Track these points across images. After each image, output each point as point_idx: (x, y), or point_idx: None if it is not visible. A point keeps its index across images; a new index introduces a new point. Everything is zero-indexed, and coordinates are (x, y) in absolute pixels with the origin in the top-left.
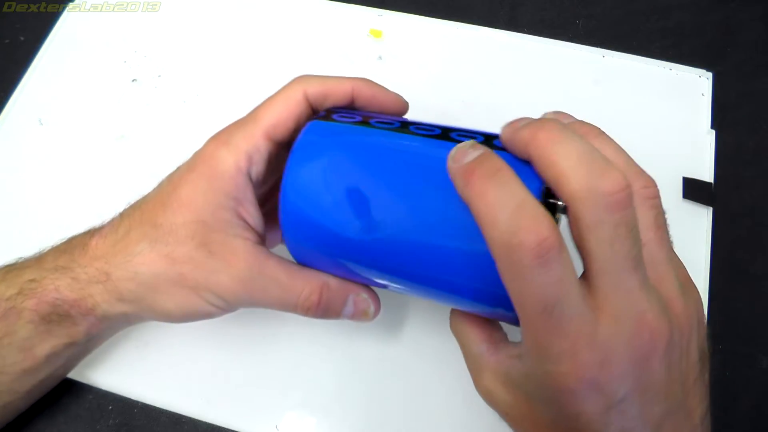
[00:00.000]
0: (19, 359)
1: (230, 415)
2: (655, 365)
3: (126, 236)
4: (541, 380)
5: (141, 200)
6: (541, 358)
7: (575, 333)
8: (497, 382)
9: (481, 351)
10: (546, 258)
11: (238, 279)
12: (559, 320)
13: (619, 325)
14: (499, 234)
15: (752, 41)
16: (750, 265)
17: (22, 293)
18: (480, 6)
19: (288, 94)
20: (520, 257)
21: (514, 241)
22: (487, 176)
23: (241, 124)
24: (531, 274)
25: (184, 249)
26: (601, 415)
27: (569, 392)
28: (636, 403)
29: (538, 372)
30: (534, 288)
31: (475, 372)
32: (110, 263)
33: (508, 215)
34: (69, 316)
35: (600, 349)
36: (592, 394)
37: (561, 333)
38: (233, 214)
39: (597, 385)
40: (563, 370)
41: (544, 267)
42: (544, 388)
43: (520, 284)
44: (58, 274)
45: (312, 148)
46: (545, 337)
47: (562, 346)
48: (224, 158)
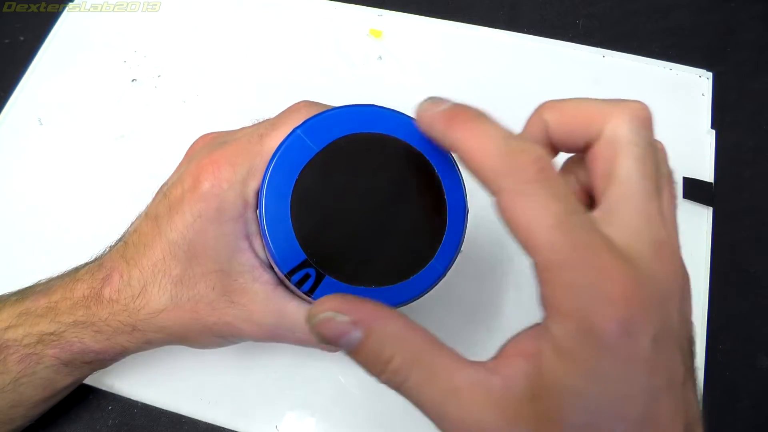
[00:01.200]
0: (38, 392)
1: (230, 415)
2: (673, 309)
3: (144, 292)
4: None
5: (137, 235)
6: (575, 295)
7: (600, 246)
8: (498, 409)
9: (461, 377)
10: (546, 171)
11: (259, 326)
12: (578, 230)
13: (640, 246)
14: (493, 163)
15: (752, 41)
16: (750, 265)
17: (42, 342)
18: (480, 6)
19: (295, 121)
20: (521, 175)
21: (511, 163)
22: (472, 117)
23: (243, 149)
24: (534, 187)
25: (206, 301)
26: (641, 358)
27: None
28: (665, 345)
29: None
30: (541, 202)
31: (453, 409)
32: (133, 317)
33: (498, 144)
34: (97, 360)
35: (630, 269)
36: (631, 328)
37: (582, 245)
38: (249, 254)
39: (632, 315)
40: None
41: (547, 180)
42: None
43: (526, 203)
44: (79, 329)
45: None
46: (565, 257)
47: (587, 262)
48: (231, 199)
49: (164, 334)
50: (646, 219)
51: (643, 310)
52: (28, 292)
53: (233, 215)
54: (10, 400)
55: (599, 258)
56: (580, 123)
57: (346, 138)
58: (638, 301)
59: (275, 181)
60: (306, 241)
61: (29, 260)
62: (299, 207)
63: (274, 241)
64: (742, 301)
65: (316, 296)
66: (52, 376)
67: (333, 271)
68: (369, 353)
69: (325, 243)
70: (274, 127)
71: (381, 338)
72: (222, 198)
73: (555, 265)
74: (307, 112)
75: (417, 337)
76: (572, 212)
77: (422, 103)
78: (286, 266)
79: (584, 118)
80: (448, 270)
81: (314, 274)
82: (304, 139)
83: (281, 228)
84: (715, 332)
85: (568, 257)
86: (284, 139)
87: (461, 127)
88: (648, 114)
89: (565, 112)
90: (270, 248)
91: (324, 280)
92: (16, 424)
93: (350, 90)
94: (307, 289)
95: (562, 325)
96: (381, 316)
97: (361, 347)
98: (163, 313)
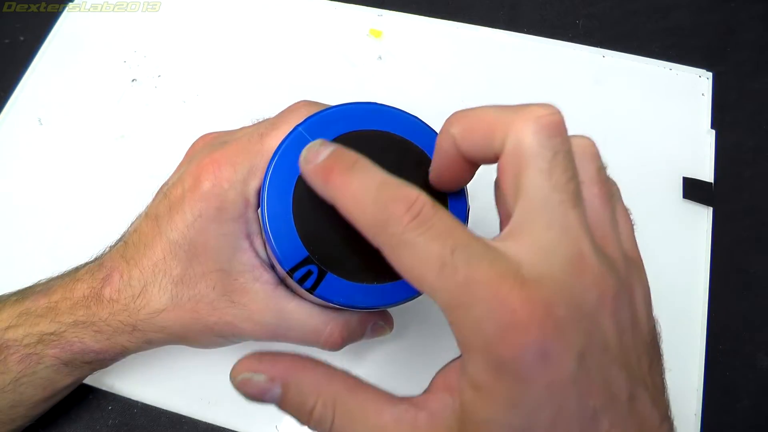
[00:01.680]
0: (38, 392)
1: (230, 415)
2: (606, 321)
3: (144, 292)
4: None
5: (137, 235)
6: (471, 331)
7: (491, 276)
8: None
9: (387, 415)
10: (422, 215)
11: (260, 326)
12: (464, 267)
13: (551, 261)
14: (369, 217)
15: (752, 41)
16: (750, 265)
17: (42, 342)
18: (480, 6)
19: (295, 120)
20: (396, 226)
21: (384, 216)
22: (346, 169)
23: (244, 149)
24: (412, 236)
25: (207, 300)
26: (565, 381)
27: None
28: (596, 362)
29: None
30: (421, 249)
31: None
32: (134, 317)
33: (373, 196)
34: (97, 360)
35: (534, 290)
36: (545, 349)
37: (472, 281)
38: (250, 254)
39: (544, 339)
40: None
41: (423, 224)
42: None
43: (407, 254)
44: (79, 329)
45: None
46: (459, 297)
47: (481, 296)
48: (232, 198)
49: (165, 333)
50: (561, 232)
51: (557, 331)
52: (28, 292)
53: (234, 215)
54: (10, 400)
55: (494, 288)
56: (482, 134)
57: (347, 135)
58: (550, 323)
59: (277, 178)
60: (308, 238)
61: (29, 260)
62: (301, 204)
63: (276, 237)
64: (742, 301)
65: (319, 293)
66: (53, 376)
67: (335, 267)
68: (292, 406)
69: (327, 240)
70: (275, 126)
71: (299, 390)
72: (223, 197)
73: (453, 306)
74: (306, 111)
75: (336, 383)
76: (458, 248)
77: (304, 150)
78: (288, 263)
79: (486, 130)
80: None
81: (316, 271)
82: (306, 136)
83: (283, 225)
84: (715, 332)
85: (462, 296)
86: (286, 136)
87: (337, 181)
88: (556, 118)
89: (468, 124)
90: (272, 245)
91: (326, 277)
92: (17, 424)
93: (350, 90)
94: (309, 286)
95: (473, 361)
96: (296, 369)
97: (283, 401)
98: (164, 313)
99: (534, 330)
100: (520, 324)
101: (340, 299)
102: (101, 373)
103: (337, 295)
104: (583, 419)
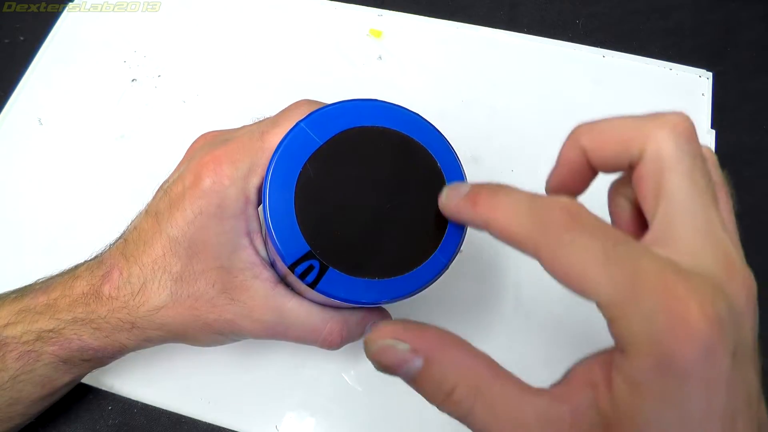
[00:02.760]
0: (37, 390)
1: (230, 415)
2: (749, 322)
3: (144, 289)
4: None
5: (137, 232)
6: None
7: (657, 269)
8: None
9: (528, 409)
10: (580, 216)
11: (259, 323)
12: (629, 259)
13: (704, 261)
14: (528, 227)
15: (752, 41)
16: (750, 265)
17: (41, 339)
18: (480, 6)
19: (296, 118)
20: (556, 229)
21: (543, 221)
22: (494, 193)
23: (245, 146)
24: (573, 235)
25: (206, 298)
26: (720, 379)
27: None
28: (742, 363)
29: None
30: (584, 245)
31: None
32: (133, 314)
33: (527, 207)
34: (96, 358)
35: (700, 285)
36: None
37: (641, 272)
38: (250, 251)
39: (711, 335)
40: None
41: (582, 223)
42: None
43: (569, 252)
44: (78, 326)
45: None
46: (625, 290)
47: (650, 287)
48: (232, 196)
49: (164, 331)
50: (707, 234)
51: (721, 328)
52: (28, 290)
53: (234, 212)
54: (8, 398)
55: (663, 280)
56: (620, 145)
57: (349, 131)
58: (716, 319)
59: (279, 172)
60: (309, 232)
61: (29, 259)
62: (303, 199)
63: (277, 232)
64: None
65: (320, 288)
66: (51, 373)
67: (336, 262)
68: (430, 383)
69: (329, 235)
70: (276, 124)
71: (442, 367)
72: (223, 195)
73: (618, 300)
74: (307, 110)
75: (480, 366)
76: (619, 243)
77: (443, 192)
78: (290, 258)
79: (623, 140)
80: (451, 262)
81: (318, 265)
82: (307, 132)
83: (285, 219)
84: None
85: (630, 289)
86: (288, 131)
87: (486, 205)
88: (689, 125)
89: (601, 135)
90: (273, 239)
91: (327, 272)
92: (15, 422)
93: (350, 90)
94: (310, 281)
95: (635, 357)
96: (443, 344)
97: (421, 377)
98: (163, 310)
99: (703, 326)
100: (692, 319)
101: (341, 294)
102: (101, 372)
103: (338, 290)
104: (725, 418)
